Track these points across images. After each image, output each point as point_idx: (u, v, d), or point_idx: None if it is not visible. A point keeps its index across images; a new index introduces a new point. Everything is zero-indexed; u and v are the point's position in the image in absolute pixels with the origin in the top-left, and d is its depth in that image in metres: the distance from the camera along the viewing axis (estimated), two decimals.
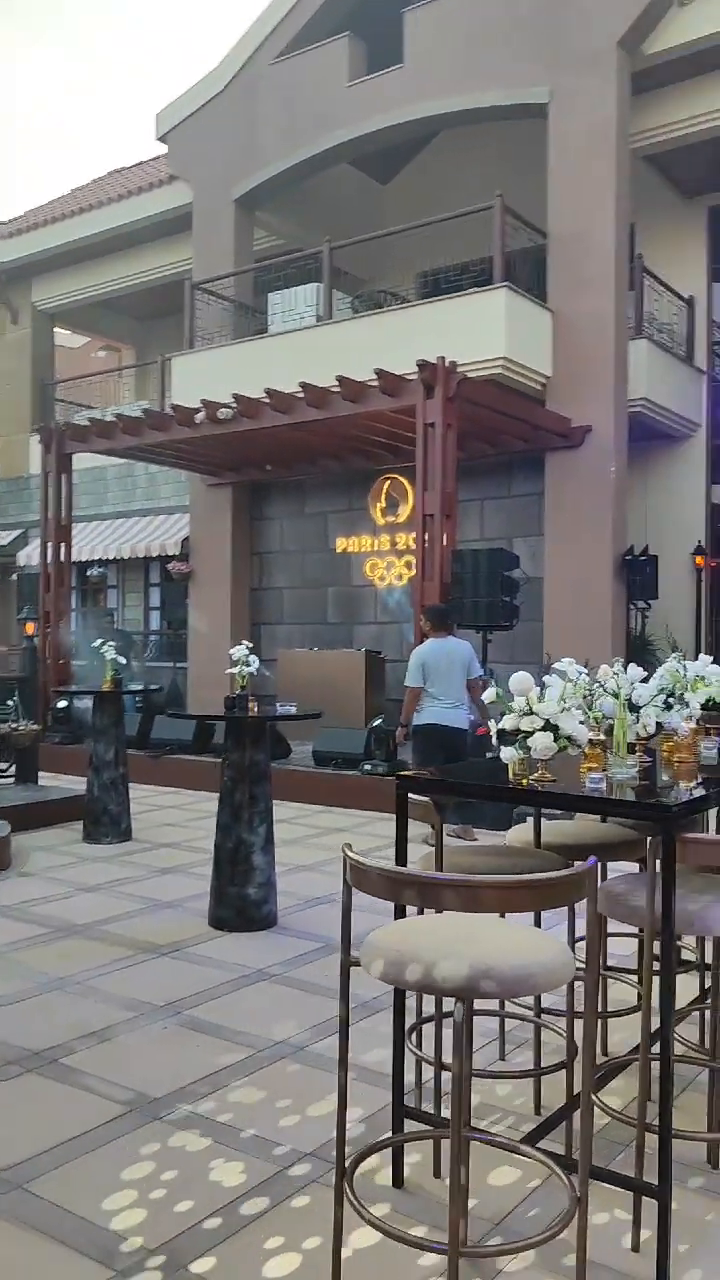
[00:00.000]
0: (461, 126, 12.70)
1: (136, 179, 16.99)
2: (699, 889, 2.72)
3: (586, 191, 10.91)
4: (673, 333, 12.81)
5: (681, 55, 11.03)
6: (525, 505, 11.88)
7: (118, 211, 16.25)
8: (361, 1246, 2.58)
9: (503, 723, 2.87)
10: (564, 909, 3.55)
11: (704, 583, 13.00)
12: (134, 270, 17.05)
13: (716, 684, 3.64)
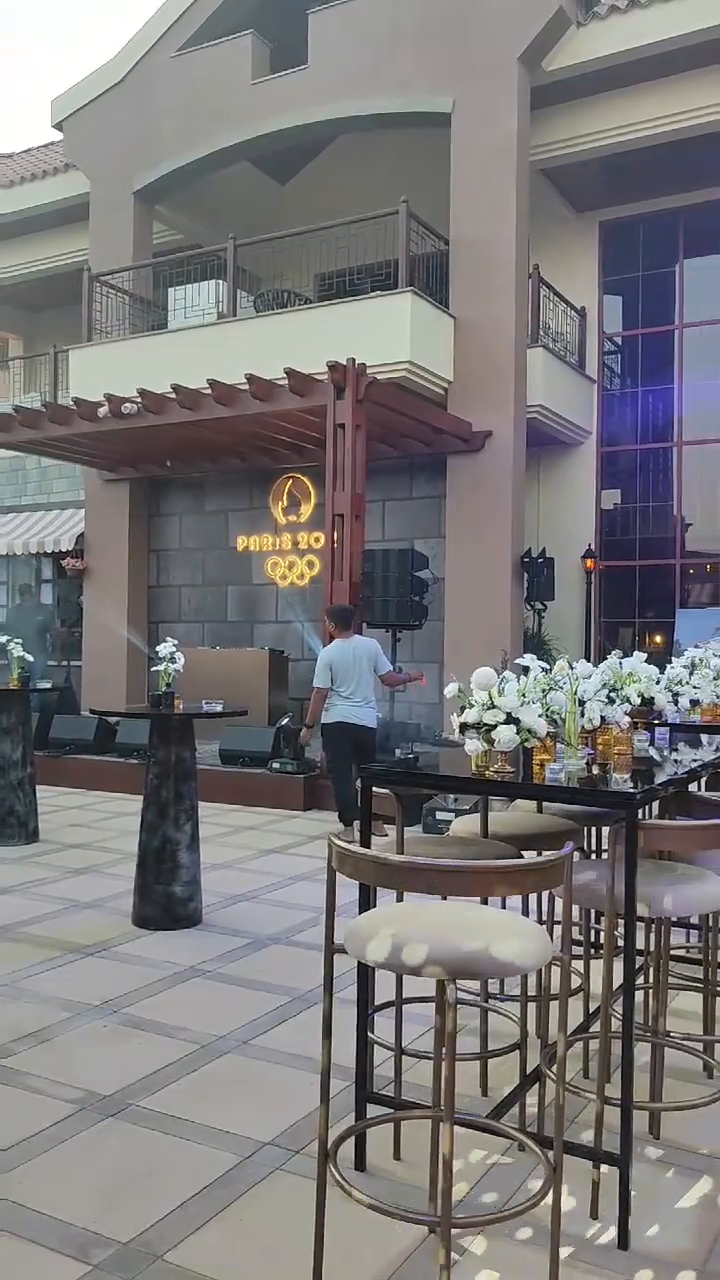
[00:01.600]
0: (364, 131, 12.83)
1: (27, 165, 16.56)
2: (651, 873, 2.87)
3: (487, 202, 11.17)
4: (566, 342, 13.23)
5: (577, 74, 11.41)
6: (427, 507, 12.09)
7: (7, 198, 15.82)
8: (336, 1227, 2.64)
9: (465, 716, 2.96)
10: (514, 896, 3.68)
11: (593, 585, 13.46)
12: (24, 259, 16.62)
13: (645, 679, 3.83)
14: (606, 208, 13.48)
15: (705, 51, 10.86)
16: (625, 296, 14.05)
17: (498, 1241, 2.60)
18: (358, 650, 7.64)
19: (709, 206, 13.07)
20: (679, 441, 13.48)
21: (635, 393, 13.90)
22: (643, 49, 10.93)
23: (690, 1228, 2.68)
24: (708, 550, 13.53)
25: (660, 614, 13.26)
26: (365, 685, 7.60)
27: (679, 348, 13.54)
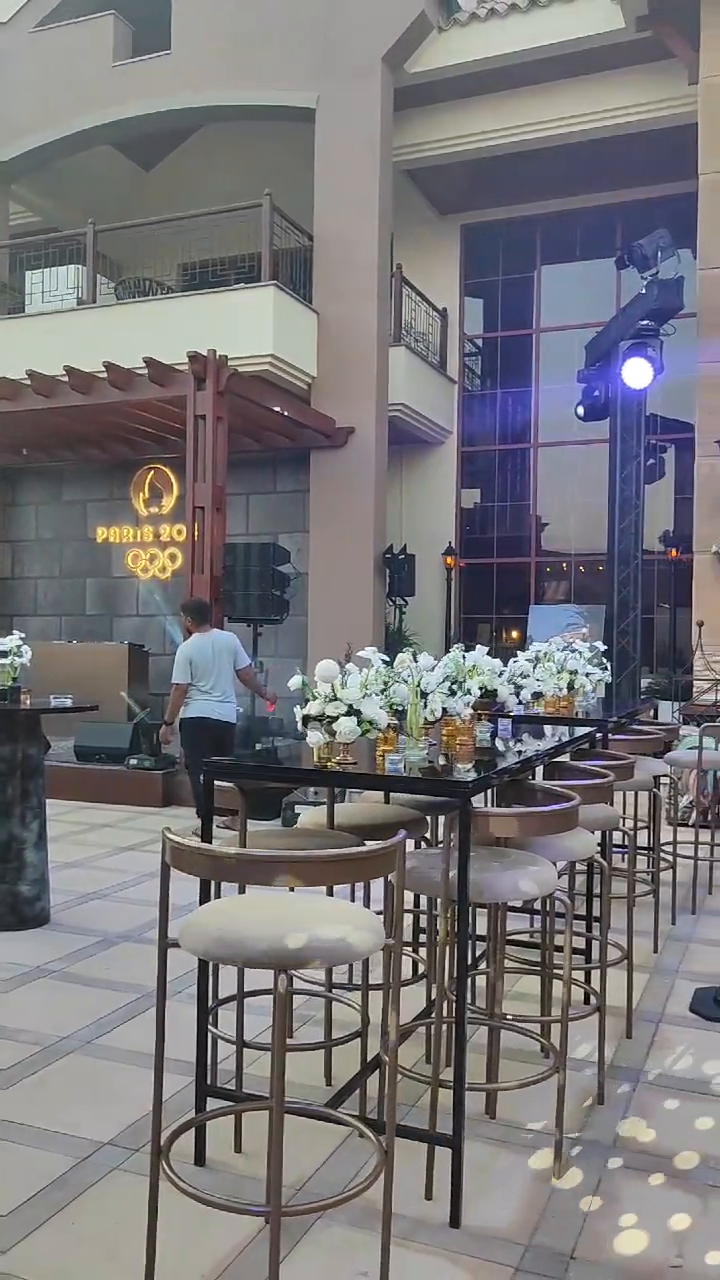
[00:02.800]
0: (229, 121, 12.72)
1: None
2: (484, 860, 2.95)
3: (351, 199, 11.24)
4: (428, 342, 13.43)
5: (440, 79, 11.60)
6: (290, 501, 12.09)
7: None
8: (172, 1223, 2.62)
9: (308, 708, 2.98)
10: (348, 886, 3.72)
11: (453, 582, 13.73)
12: None
13: (488, 673, 3.92)
14: (468, 211, 13.74)
15: (560, 65, 11.21)
16: (485, 299, 14.37)
17: (332, 1228, 2.63)
18: (217, 645, 7.58)
19: (566, 216, 13.49)
20: (535, 443, 13.87)
21: (494, 394, 14.24)
22: (501, 58, 11.20)
23: (520, 1202, 2.77)
24: (561, 549, 13.97)
25: (517, 610, 13.63)
26: (225, 680, 7.55)
27: (536, 352, 13.93)
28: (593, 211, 13.34)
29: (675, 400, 11.46)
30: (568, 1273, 2.48)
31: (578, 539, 13.68)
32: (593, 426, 11.02)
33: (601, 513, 10.85)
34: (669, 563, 12.65)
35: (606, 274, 12.98)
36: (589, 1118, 3.27)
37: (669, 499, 12.87)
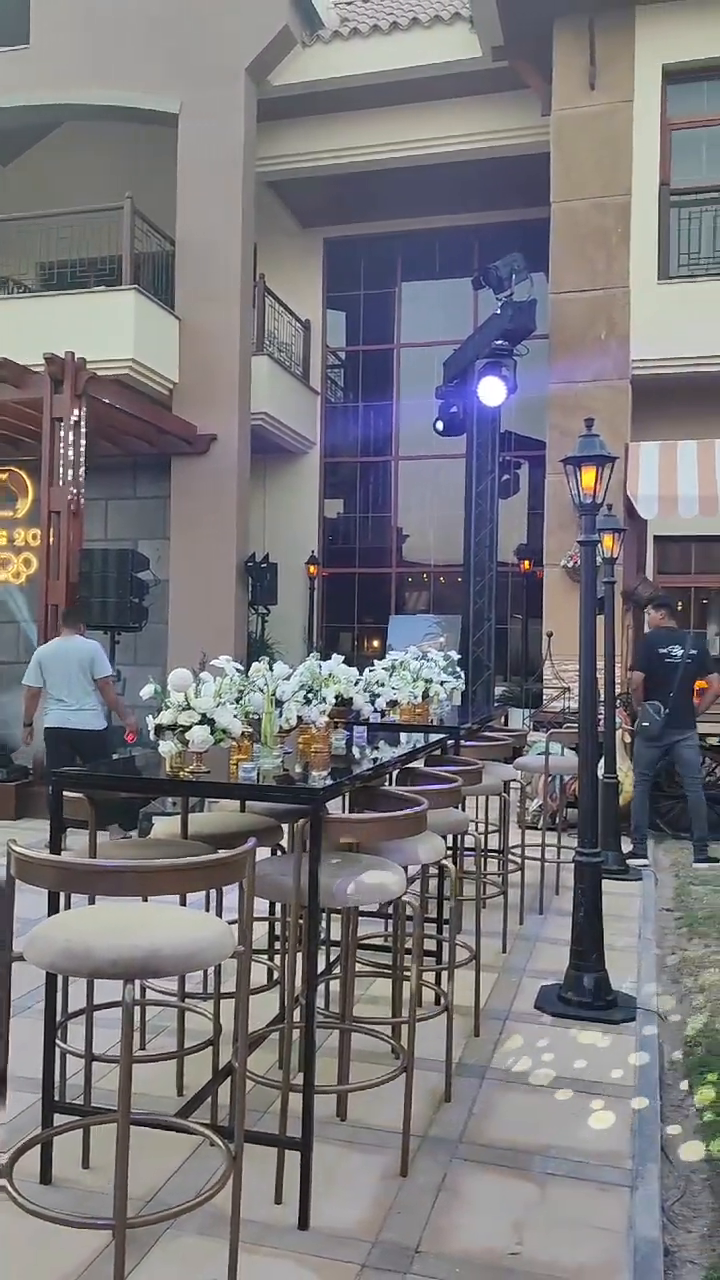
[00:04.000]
0: (92, 120, 12.49)
1: None
2: (336, 865, 3.00)
3: (213, 206, 11.20)
4: (291, 353, 13.50)
5: (304, 93, 11.70)
6: (151, 508, 11.92)
7: None
8: (17, 1244, 2.57)
9: (160, 717, 2.97)
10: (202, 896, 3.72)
11: (316, 591, 13.82)
12: None
13: (344, 681, 3.99)
14: (331, 225, 13.89)
15: (420, 88, 11.47)
16: (348, 313, 14.54)
17: (182, 1237, 2.63)
18: (69, 651, 7.41)
19: (426, 235, 13.79)
20: (396, 456, 14.11)
21: (357, 406, 14.41)
22: (363, 77, 11.39)
23: (368, 1200, 2.83)
24: (421, 560, 14.24)
25: (378, 619, 13.81)
26: (77, 688, 7.38)
27: (397, 366, 14.18)
28: (452, 232, 13.68)
29: (530, 419, 11.86)
30: (412, 1266, 2.54)
31: (437, 550, 13.97)
32: (451, 441, 11.29)
33: (459, 525, 11.13)
34: (522, 575, 13.05)
35: (464, 293, 13.35)
36: (437, 1115, 3.36)
37: (523, 514, 13.28)
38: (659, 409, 10.14)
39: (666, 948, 5.38)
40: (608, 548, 6.99)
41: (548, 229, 10.31)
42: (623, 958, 5.02)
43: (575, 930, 4.40)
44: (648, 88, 10.00)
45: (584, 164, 10.09)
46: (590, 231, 10.05)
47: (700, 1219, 2.89)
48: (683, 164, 10.28)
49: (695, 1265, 2.67)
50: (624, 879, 6.71)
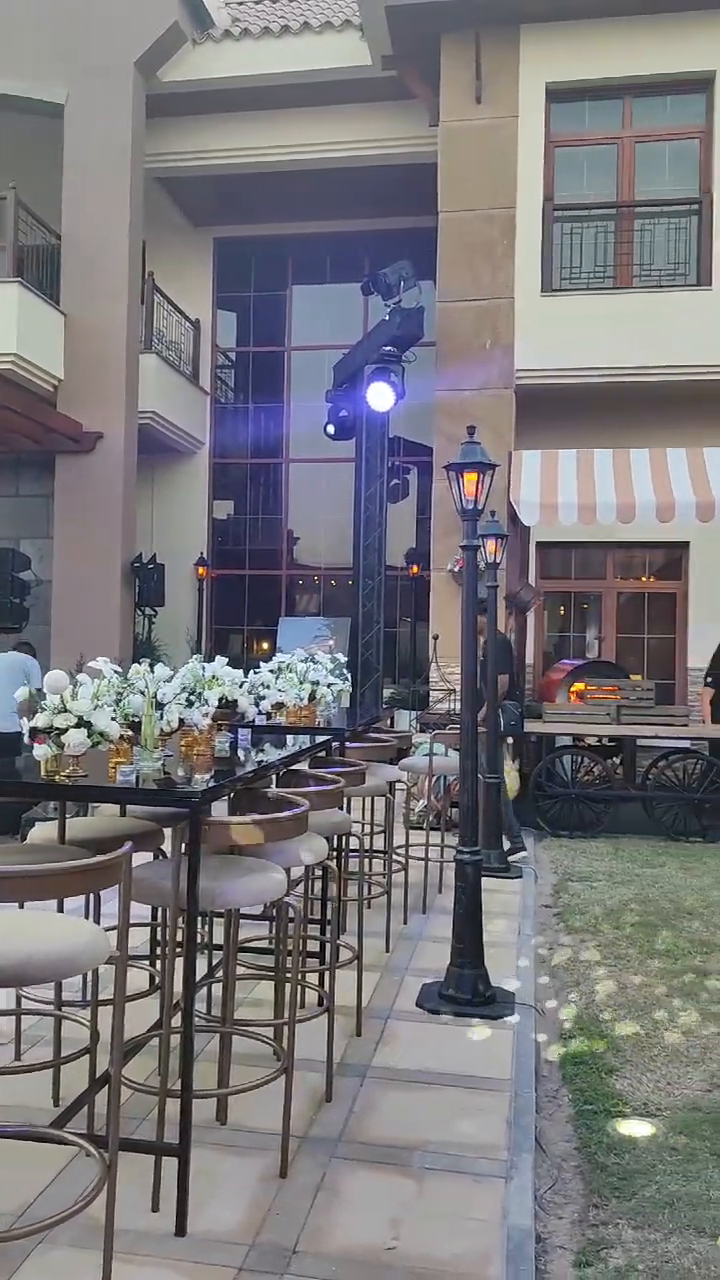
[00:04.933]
0: None
1: None
2: (217, 868, 2.99)
3: (100, 201, 11.01)
4: (180, 352, 13.37)
5: (193, 90, 11.61)
6: (34, 506, 11.65)
7: None
8: None
9: (35, 720, 2.91)
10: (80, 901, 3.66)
11: (204, 592, 13.70)
12: None
13: (229, 683, 3.98)
14: (222, 225, 13.81)
15: (311, 92, 11.50)
16: (239, 313, 14.48)
17: (55, 1250, 2.58)
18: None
19: (317, 238, 13.84)
20: (287, 458, 14.11)
21: (247, 408, 14.36)
22: (253, 78, 11.37)
23: (246, 1204, 2.82)
24: (312, 563, 14.27)
25: (268, 622, 13.78)
26: None
27: (288, 369, 14.18)
28: (342, 237, 13.76)
29: (419, 425, 12.00)
30: (290, 1266, 2.55)
31: (328, 553, 14.02)
32: (342, 445, 11.33)
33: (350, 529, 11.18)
34: (411, 579, 13.20)
35: (355, 298, 13.42)
36: (318, 1115, 3.37)
37: (412, 518, 13.43)
38: (542, 418, 10.40)
39: (544, 943, 5.52)
40: (491, 552, 7.13)
41: (436, 237, 10.47)
42: (503, 953, 5.13)
43: (456, 928, 4.48)
44: (532, 104, 10.24)
45: (470, 176, 10.28)
46: (476, 242, 10.25)
47: (571, 1205, 2.97)
48: (565, 180, 10.57)
49: (565, 1250, 2.75)
50: (505, 876, 6.85)
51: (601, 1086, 3.70)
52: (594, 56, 10.15)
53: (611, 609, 11.29)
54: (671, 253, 10.39)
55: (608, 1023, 4.33)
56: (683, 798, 8.48)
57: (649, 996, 4.65)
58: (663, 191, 10.55)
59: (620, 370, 10.05)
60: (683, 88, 10.31)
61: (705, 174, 10.23)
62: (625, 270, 10.41)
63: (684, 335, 9.89)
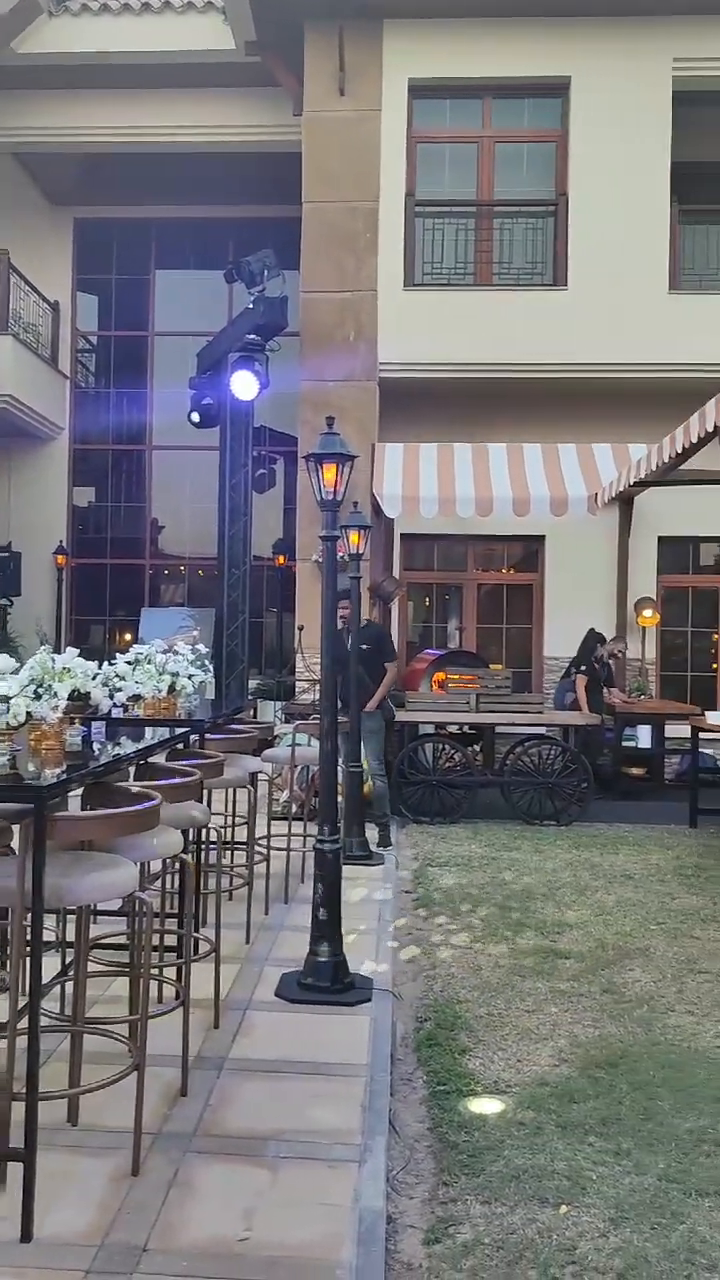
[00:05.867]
0: None
1: None
2: (66, 864, 2.92)
3: None
4: (38, 334, 12.96)
5: (49, 64, 11.25)
6: None
7: None
8: None
9: None
10: None
11: (64, 581, 13.35)
12: None
13: (81, 675, 3.89)
14: (83, 205, 13.45)
15: (172, 74, 11.31)
16: (100, 296, 14.13)
17: None
18: None
19: (181, 223, 13.62)
20: (151, 445, 13.86)
21: (109, 393, 14.04)
22: (110, 55, 11.13)
23: (96, 1205, 2.77)
24: (177, 552, 14.07)
25: (130, 612, 13.52)
26: None
27: (151, 354, 13.92)
28: (207, 223, 13.57)
29: (286, 414, 11.96)
30: (140, 1265, 2.52)
31: (193, 543, 13.85)
32: (207, 433, 11.19)
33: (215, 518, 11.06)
34: (278, 569, 13.17)
35: (220, 285, 13.24)
36: (172, 1111, 3.34)
37: (279, 508, 13.40)
38: (406, 411, 10.52)
39: (404, 928, 5.61)
40: (354, 544, 7.18)
41: (300, 227, 10.44)
42: (363, 940, 5.19)
43: (315, 917, 4.50)
44: (394, 99, 10.33)
45: (334, 167, 10.29)
46: (340, 234, 10.27)
47: (422, 1185, 3.04)
48: (427, 176, 10.70)
49: (415, 1229, 2.80)
50: (368, 864, 6.93)
51: (455, 1067, 3.79)
52: (455, 55, 10.30)
53: (472, 600, 11.52)
54: (529, 252, 10.66)
55: (463, 1004, 4.44)
56: (538, 783, 8.74)
57: (503, 977, 4.78)
58: (521, 192, 10.80)
59: (480, 366, 10.25)
60: (541, 91, 10.57)
61: (561, 177, 10.52)
62: (485, 268, 10.62)
63: (540, 334, 10.15)
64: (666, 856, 7.42)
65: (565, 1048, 3.98)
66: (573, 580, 10.88)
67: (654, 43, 10.19)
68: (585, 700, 9.38)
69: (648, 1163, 3.10)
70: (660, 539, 11.01)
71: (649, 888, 6.51)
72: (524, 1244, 2.69)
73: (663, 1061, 3.84)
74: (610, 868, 7.04)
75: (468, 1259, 2.64)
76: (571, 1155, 3.14)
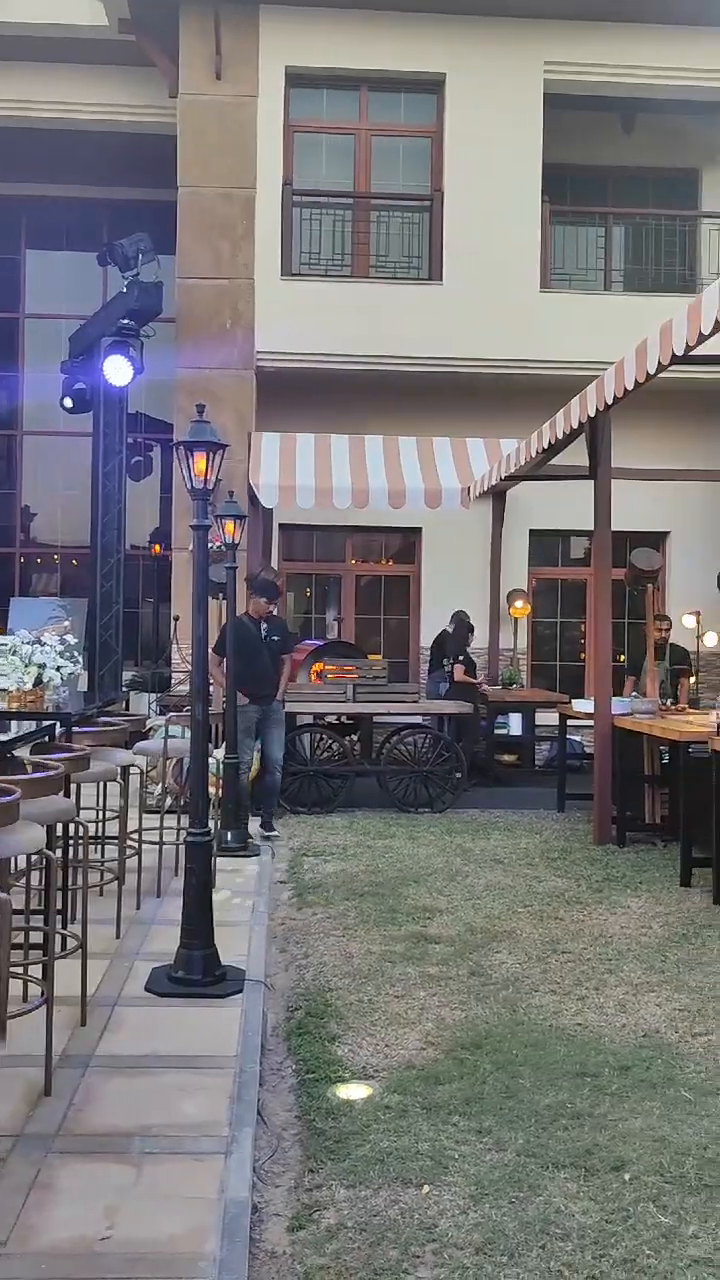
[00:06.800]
0: None
1: None
2: None
3: None
4: None
5: None
6: None
7: None
8: None
9: None
10: None
11: None
12: None
13: None
14: None
15: (41, 47, 10.95)
16: None
17: None
18: None
19: (54, 203, 13.24)
20: (21, 430, 13.46)
21: None
22: None
23: None
24: (49, 541, 13.72)
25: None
26: None
27: (22, 336, 13.51)
28: (81, 203, 13.22)
29: (164, 401, 11.78)
30: None
31: (66, 531, 13.52)
32: (81, 419, 10.94)
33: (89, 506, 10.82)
34: (154, 558, 12.97)
35: (94, 267, 12.93)
36: (34, 1111, 3.27)
37: (156, 497, 13.19)
38: (283, 401, 10.49)
39: (278, 919, 5.62)
40: (229, 533, 7.13)
41: (176, 212, 10.28)
42: (236, 932, 5.18)
43: (186, 910, 4.47)
44: (272, 86, 10.26)
45: (210, 153, 10.17)
46: (216, 220, 10.17)
47: (289, 1173, 3.06)
48: (305, 166, 10.68)
49: (280, 1217, 2.83)
50: (244, 855, 6.91)
51: (324, 1054, 3.82)
52: (333, 46, 10.29)
53: (351, 591, 11.59)
54: (406, 246, 10.75)
55: (333, 992, 4.48)
56: (414, 771, 8.86)
57: (374, 964, 4.84)
58: (398, 186, 10.89)
59: (356, 358, 10.30)
60: (417, 87, 10.66)
61: (437, 173, 10.64)
62: (363, 260, 10.66)
63: (416, 327, 10.26)
64: (535, 841, 7.63)
65: (433, 1031, 4.06)
66: (448, 572, 11.06)
67: (527, 45, 10.40)
68: (469, 681, 9.56)
69: (508, 1139, 3.19)
70: (532, 532, 11.29)
71: (517, 871, 6.69)
72: (386, 1225, 2.74)
73: (525, 1040, 3.96)
74: (481, 853, 7.20)
75: (331, 1243, 2.67)
76: (435, 1136, 3.21)
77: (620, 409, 7.12)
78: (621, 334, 7.42)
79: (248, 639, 7.57)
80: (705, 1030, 4.11)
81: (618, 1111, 3.38)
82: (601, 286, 11.52)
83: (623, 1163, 3.05)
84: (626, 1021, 4.19)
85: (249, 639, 7.58)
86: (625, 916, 5.72)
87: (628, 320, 9.16)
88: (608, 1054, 3.84)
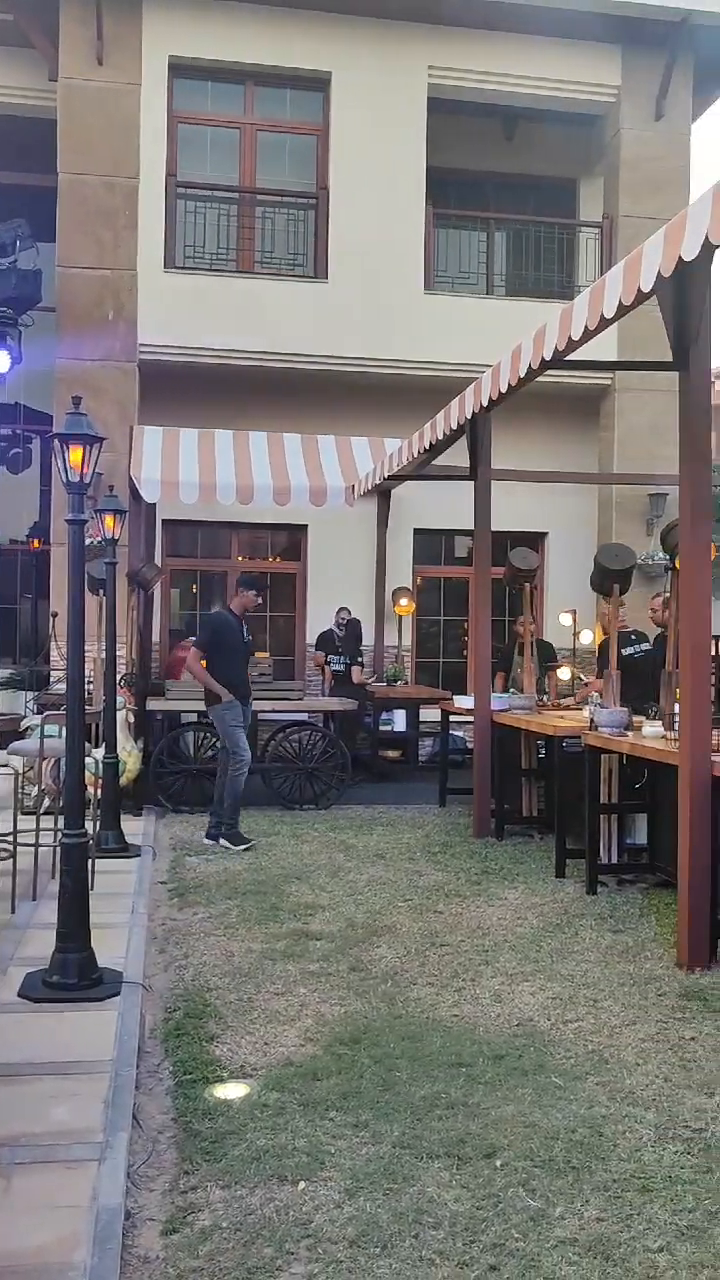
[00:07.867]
0: None
1: None
2: None
3: None
4: None
5: None
6: None
7: None
8: None
9: None
10: None
11: None
12: None
13: None
14: None
15: None
16: None
17: None
18: None
19: None
20: None
21: None
22: None
23: None
24: None
25: None
26: None
27: None
28: None
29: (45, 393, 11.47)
30: None
31: None
32: None
33: None
34: (32, 554, 12.63)
35: None
36: None
37: (35, 489, 12.83)
38: (167, 394, 10.36)
39: (158, 920, 5.56)
40: (109, 528, 7.00)
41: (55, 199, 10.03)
42: (114, 934, 5.09)
43: (61, 913, 4.38)
44: (154, 75, 10.11)
45: (92, 140, 9.95)
46: (98, 210, 9.96)
47: (164, 1176, 3.03)
48: (189, 158, 10.56)
49: (155, 1221, 2.80)
50: (124, 857, 6.79)
51: (202, 1055, 3.80)
52: (217, 37, 10.20)
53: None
54: (291, 243, 10.73)
55: (213, 991, 4.45)
56: (298, 768, 8.87)
57: (254, 962, 4.83)
58: (283, 182, 10.86)
59: (240, 353, 10.25)
60: (303, 84, 10.66)
61: (322, 171, 10.65)
62: (247, 255, 10.61)
63: (300, 325, 10.26)
64: (417, 835, 7.73)
65: (312, 1027, 4.08)
66: (334, 569, 11.10)
67: (411, 48, 10.50)
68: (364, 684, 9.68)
69: (384, 1131, 3.23)
70: (416, 531, 11.42)
71: (399, 866, 6.76)
72: (261, 1223, 2.75)
73: (403, 1034, 4.01)
74: (364, 848, 7.26)
75: (205, 1245, 2.66)
76: (312, 1132, 3.22)
77: (502, 412, 7.25)
78: (503, 337, 7.56)
79: (234, 635, 7.50)
80: (576, 1017, 4.23)
81: (490, 1100, 3.45)
82: (484, 290, 11.72)
83: (494, 1149, 3.12)
84: (501, 1011, 4.29)
85: (235, 635, 7.51)
86: (502, 908, 5.84)
87: (509, 324, 9.34)
88: (482, 1044, 3.92)
